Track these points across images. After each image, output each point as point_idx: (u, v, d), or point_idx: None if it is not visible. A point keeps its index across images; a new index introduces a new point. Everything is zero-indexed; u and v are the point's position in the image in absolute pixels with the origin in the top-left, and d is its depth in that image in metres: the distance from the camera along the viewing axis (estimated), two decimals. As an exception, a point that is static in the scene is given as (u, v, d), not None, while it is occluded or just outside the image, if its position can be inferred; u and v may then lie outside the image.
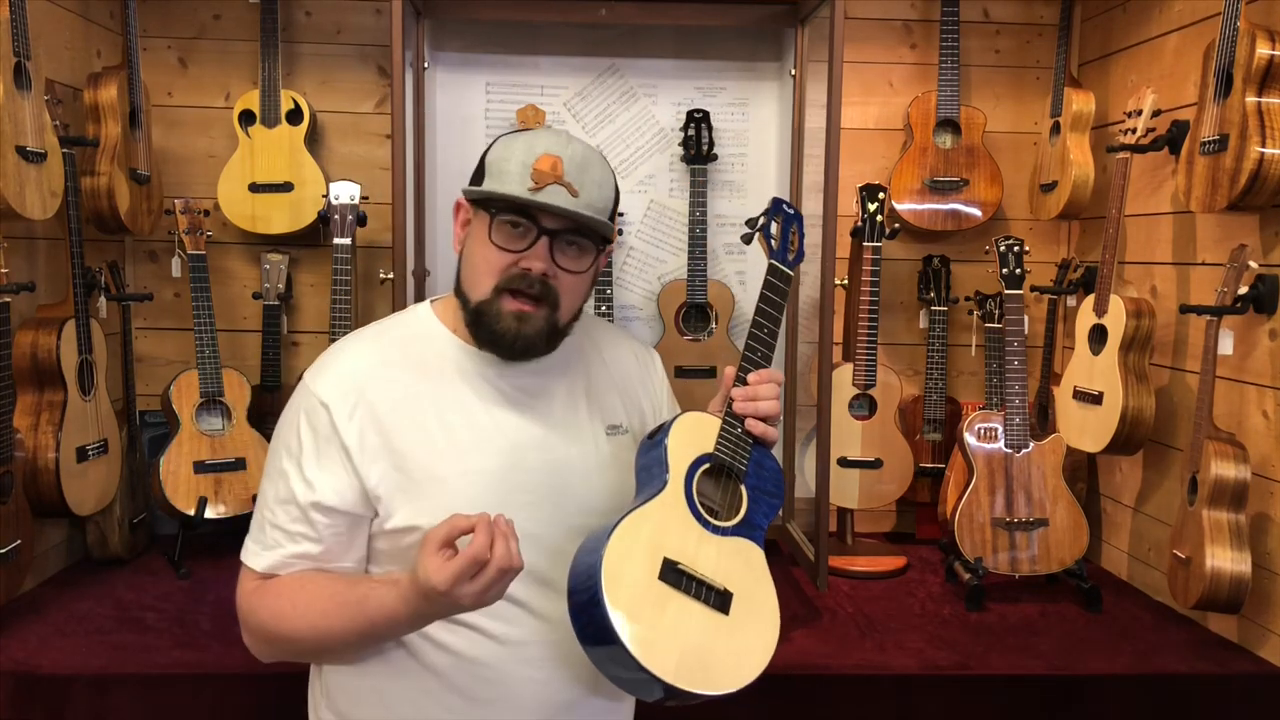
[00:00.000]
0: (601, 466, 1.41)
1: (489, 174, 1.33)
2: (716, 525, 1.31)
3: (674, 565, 1.25)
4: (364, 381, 1.33)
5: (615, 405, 1.47)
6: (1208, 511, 2.06)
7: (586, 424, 1.42)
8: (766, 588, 1.31)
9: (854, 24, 2.83)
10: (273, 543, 1.32)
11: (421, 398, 1.34)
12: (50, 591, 2.35)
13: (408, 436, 1.31)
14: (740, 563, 1.30)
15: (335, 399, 1.31)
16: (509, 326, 1.31)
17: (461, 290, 1.35)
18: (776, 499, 1.37)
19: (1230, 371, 2.18)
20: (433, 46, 2.74)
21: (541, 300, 1.31)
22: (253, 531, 1.35)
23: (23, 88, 2.07)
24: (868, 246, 2.59)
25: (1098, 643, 2.17)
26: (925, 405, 2.84)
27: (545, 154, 1.29)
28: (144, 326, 2.81)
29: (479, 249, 1.33)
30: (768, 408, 1.36)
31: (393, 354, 1.37)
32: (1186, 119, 2.19)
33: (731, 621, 1.26)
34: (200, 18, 2.78)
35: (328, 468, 1.30)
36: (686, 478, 1.32)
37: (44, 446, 2.23)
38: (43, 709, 1.92)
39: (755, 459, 1.35)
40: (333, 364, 1.36)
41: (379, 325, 1.44)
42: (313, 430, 1.31)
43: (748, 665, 1.25)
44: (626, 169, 2.82)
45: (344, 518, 1.31)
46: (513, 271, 1.30)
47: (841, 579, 2.54)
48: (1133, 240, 2.58)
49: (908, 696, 2.01)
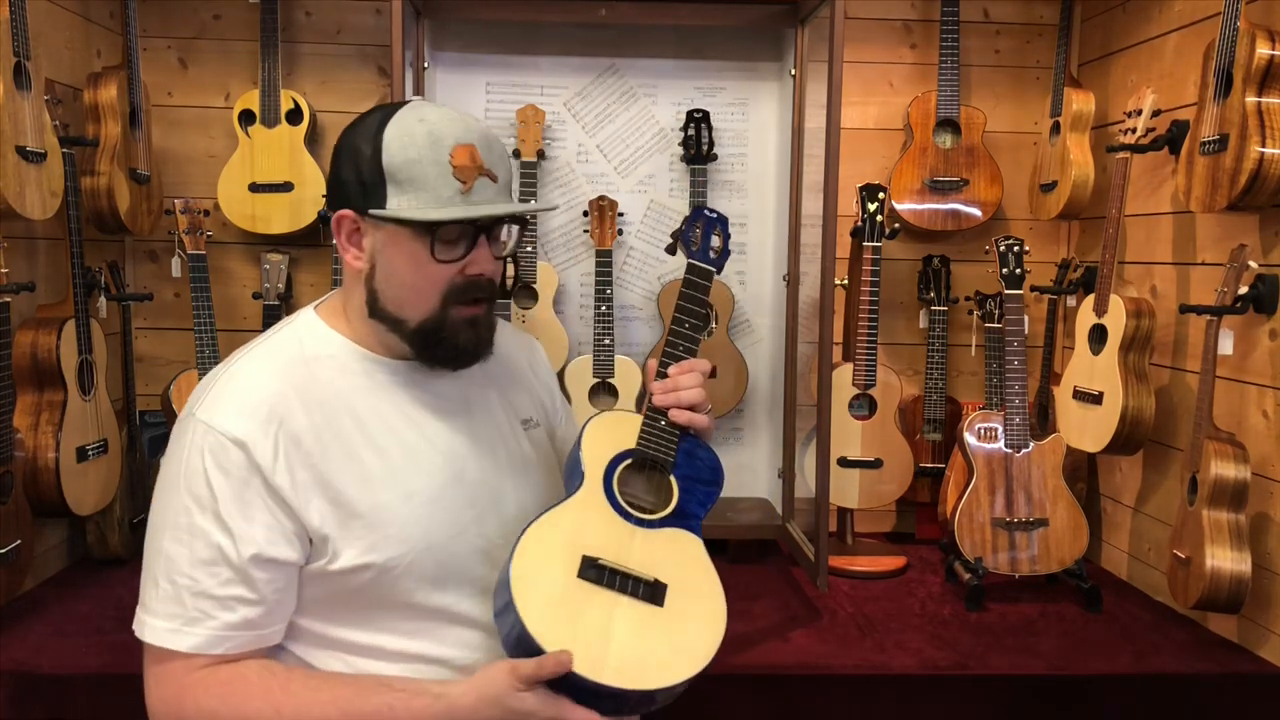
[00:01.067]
0: (528, 465, 1.36)
1: (398, 184, 1.17)
2: (644, 519, 1.28)
3: (594, 562, 1.21)
4: (277, 409, 1.17)
5: (522, 400, 1.41)
6: (1208, 511, 2.06)
7: (505, 424, 1.36)
8: (706, 575, 1.26)
9: (854, 24, 2.83)
10: (199, 614, 1.12)
11: (340, 420, 1.20)
12: (50, 591, 2.35)
13: (338, 466, 1.18)
14: (674, 553, 1.26)
15: (251, 434, 1.14)
16: (467, 339, 1.23)
17: (388, 314, 1.22)
18: (713, 486, 1.33)
19: (1230, 371, 2.18)
20: (433, 46, 2.74)
21: (489, 298, 1.25)
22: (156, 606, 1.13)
23: (23, 88, 2.07)
24: (868, 246, 2.59)
25: (1098, 643, 2.17)
26: (925, 405, 2.84)
27: (458, 145, 1.17)
28: (144, 326, 2.81)
29: (410, 268, 1.19)
30: (691, 396, 1.32)
31: (298, 373, 1.21)
32: (1186, 119, 2.19)
33: (667, 612, 1.20)
34: (200, 18, 2.78)
35: (256, 516, 1.13)
36: (605, 475, 1.29)
37: (44, 446, 2.23)
38: (43, 709, 1.92)
39: (685, 450, 1.33)
40: (234, 393, 1.18)
41: (269, 344, 1.26)
42: (225, 474, 1.13)
43: (691, 653, 1.18)
44: (626, 169, 2.82)
45: (286, 570, 1.16)
46: (458, 281, 1.21)
47: (841, 579, 2.54)
48: (1133, 240, 2.58)
49: (908, 696, 2.01)
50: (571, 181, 2.80)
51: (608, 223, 2.69)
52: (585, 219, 2.73)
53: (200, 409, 1.17)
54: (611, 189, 2.80)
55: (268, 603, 1.15)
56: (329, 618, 1.22)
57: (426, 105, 1.22)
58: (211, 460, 1.14)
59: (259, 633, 1.16)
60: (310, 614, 1.21)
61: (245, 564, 1.13)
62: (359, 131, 1.20)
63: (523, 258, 2.65)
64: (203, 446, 1.14)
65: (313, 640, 1.23)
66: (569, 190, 2.80)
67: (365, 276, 1.23)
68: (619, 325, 2.78)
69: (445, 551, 1.23)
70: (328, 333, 1.27)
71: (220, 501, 1.13)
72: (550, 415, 1.49)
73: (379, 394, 1.24)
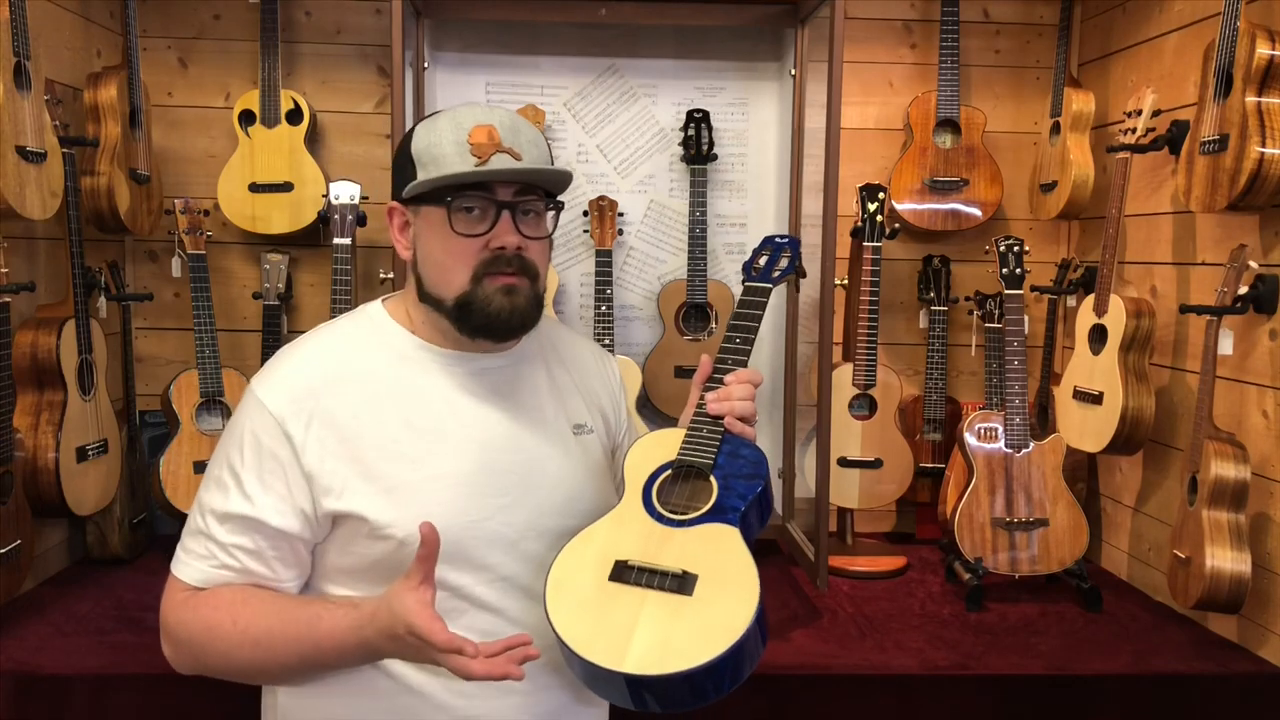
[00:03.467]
0: (572, 466, 1.37)
1: (422, 166, 1.25)
2: (680, 519, 1.28)
3: (625, 564, 1.22)
4: (319, 388, 1.25)
5: (578, 405, 1.43)
6: (1208, 511, 2.06)
7: (553, 423, 1.38)
8: (739, 559, 1.24)
9: (854, 24, 2.83)
10: (206, 554, 1.24)
11: (382, 401, 1.27)
12: (50, 591, 2.35)
13: (371, 443, 1.24)
14: (708, 546, 1.26)
15: (287, 410, 1.23)
16: (501, 305, 1.25)
17: (431, 295, 1.28)
18: (756, 479, 1.32)
19: (1230, 371, 2.18)
20: (433, 46, 2.74)
21: (522, 273, 1.27)
22: (184, 540, 1.28)
23: (23, 88, 2.07)
24: (868, 246, 2.59)
25: (1098, 643, 2.17)
26: (925, 405, 2.84)
27: (476, 126, 1.24)
28: (144, 326, 2.81)
29: (439, 245, 1.26)
30: (745, 407, 1.33)
31: (348, 356, 1.30)
32: (1186, 119, 2.19)
33: (696, 600, 1.20)
34: (200, 18, 2.78)
35: (273, 486, 1.23)
36: (645, 487, 1.31)
37: (44, 446, 2.23)
38: (43, 709, 1.92)
39: (727, 450, 1.33)
40: (283, 371, 1.28)
41: (329, 327, 1.36)
42: (258, 444, 1.23)
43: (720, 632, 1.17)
44: (626, 169, 2.82)
45: (290, 540, 1.24)
46: (484, 255, 1.25)
47: (841, 579, 2.54)
48: (1133, 240, 2.58)
49: (908, 696, 2.01)
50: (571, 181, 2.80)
51: (608, 223, 2.69)
52: (585, 219, 2.73)
53: (256, 382, 1.28)
54: (611, 189, 2.80)
55: (263, 558, 1.24)
56: (350, 586, 1.27)
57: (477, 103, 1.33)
58: (250, 428, 1.24)
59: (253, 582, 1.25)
60: (332, 580, 1.28)
61: (247, 523, 1.22)
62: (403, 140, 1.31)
63: (523, 258, 2.64)
64: (249, 415, 1.25)
65: None
66: (569, 190, 2.78)
67: (412, 264, 1.31)
68: (619, 325, 2.78)
69: (466, 534, 1.25)
70: (385, 319, 1.34)
71: (247, 466, 1.23)
72: (613, 430, 1.51)
73: (426, 379, 1.30)
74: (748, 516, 1.30)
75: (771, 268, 1.50)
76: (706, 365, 1.39)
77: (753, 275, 1.49)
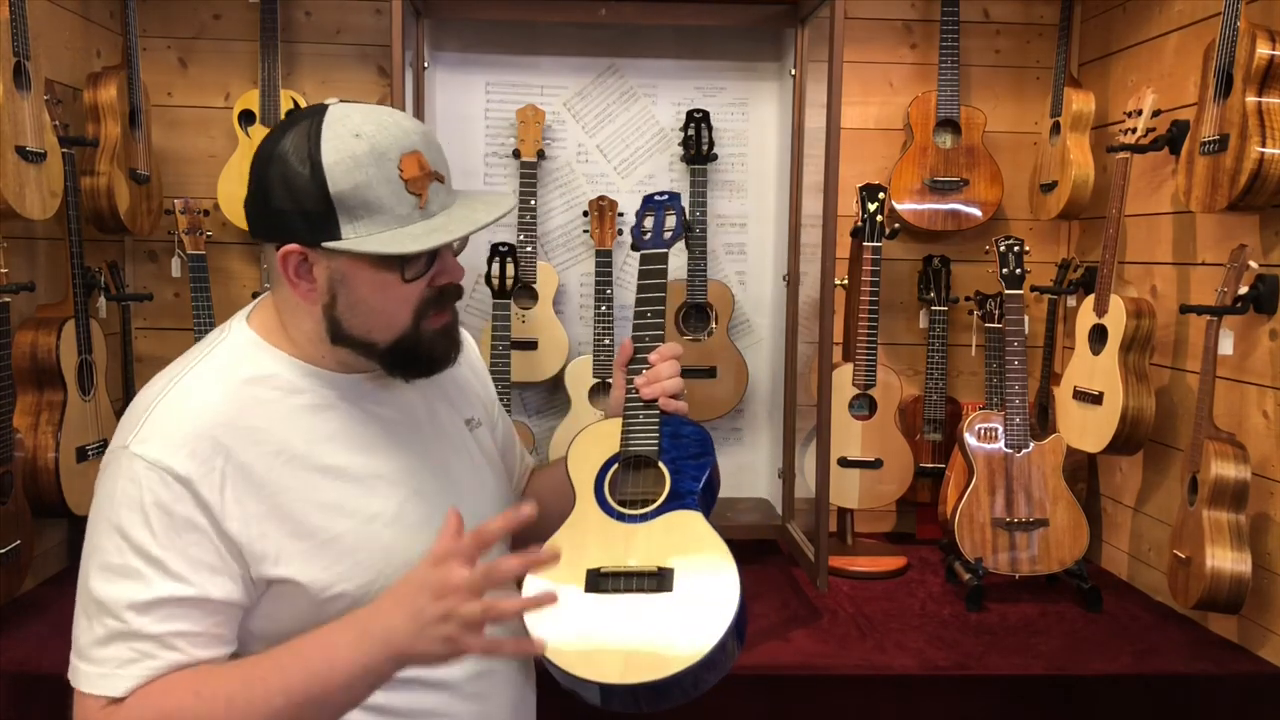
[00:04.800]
0: (478, 467, 1.33)
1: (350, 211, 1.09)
2: (639, 514, 1.27)
3: (597, 572, 1.21)
4: (224, 440, 1.09)
5: (461, 399, 1.36)
6: (1208, 511, 2.06)
7: (451, 427, 1.31)
8: (709, 544, 1.23)
9: (854, 24, 2.82)
10: (134, 656, 1.04)
11: (293, 446, 1.13)
12: (50, 591, 2.35)
13: (295, 496, 1.11)
14: (675, 536, 1.25)
15: (193, 468, 1.06)
16: (442, 347, 1.19)
17: (354, 338, 1.16)
18: (703, 457, 1.31)
19: (1230, 371, 2.18)
20: (433, 46, 2.74)
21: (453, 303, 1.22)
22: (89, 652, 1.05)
23: (23, 88, 2.07)
24: (868, 246, 2.59)
25: (1098, 643, 2.17)
26: (925, 405, 2.84)
27: (404, 155, 1.10)
28: (144, 326, 2.81)
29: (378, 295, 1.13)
30: (673, 385, 1.32)
31: (242, 398, 1.13)
32: (1186, 119, 2.19)
33: (676, 595, 1.19)
34: (200, 18, 2.78)
35: (203, 559, 1.06)
36: (596, 485, 1.30)
37: (44, 446, 2.23)
38: (43, 709, 1.91)
39: (669, 433, 1.32)
40: (173, 423, 1.09)
41: (203, 365, 1.17)
42: (169, 515, 1.05)
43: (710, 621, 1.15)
44: (626, 169, 2.82)
45: (228, 609, 1.09)
46: (427, 294, 1.16)
47: (841, 579, 2.54)
48: (1133, 240, 2.58)
49: (908, 696, 2.01)
50: (571, 181, 2.80)
51: (608, 223, 2.69)
52: (585, 219, 2.73)
53: (135, 441, 1.08)
54: (611, 189, 2.80)
55: (211, 640, 1.08)
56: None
57: (349, 110, 1.12)
58: (150, 498, 1.05)
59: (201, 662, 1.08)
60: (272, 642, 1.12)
61: (188, 606, 1.06)
62: (286, 154, 1.10)
63: (523, 258, 2.64)
64: (139, 482, 1.06)
65: None
66: (569, 190, 2.80)
67: (325, 307, 1.15)
68: (619, 325, 2.78)
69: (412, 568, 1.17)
70: (268, 349, 1.18)
71: (158, 540, 1.05)
72: (489, 409, 1.45)
73: (327, 414, 1.17)
74: (704, 495, 1.30)
75: (660, 229, 1.46)
76: (627, 348, 1.37)
77: (644, 242, 1.45)
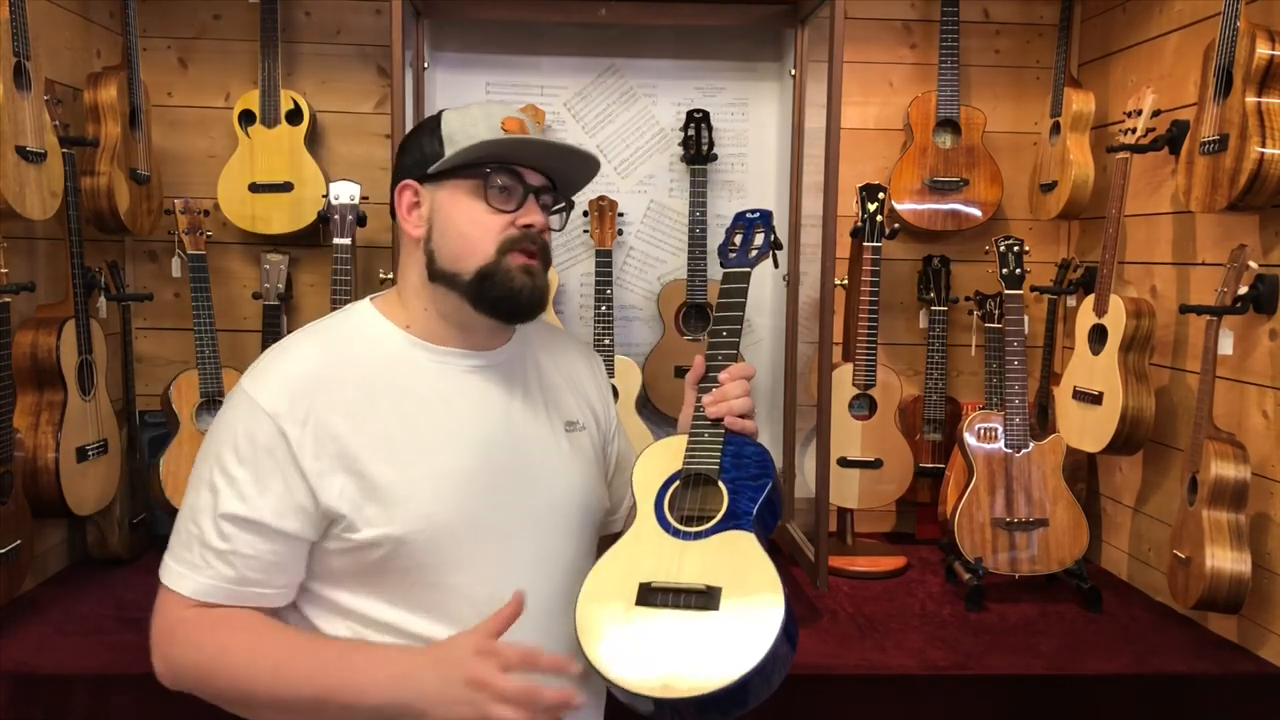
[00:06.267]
0: (566, 463, 1.38)
1: (453, 143, 1.28)
2: (695, 532, 1.27)
3: (649, 586, 1.22)
4: (314, 387, 1.24)
5: (569, 402, 1.44)
6: (1208, 511, 2.06)
7: (546, 420, 1.39)
8: (759, 565, 1.24)
9: (854, 24, 2.82)
10: (201, 563, 1.21)
11: (378, 399, 1.26)
12: (50, 591, 2.35)
13: (367, 442, 1.23)
14: (727, 555, 1.26)
15: (283, 408, 1.21)
16: (523, 282, 1.28)
17: (445, 271, 1.29)
18: (763, 479, 1.32)
19: (1230, 371, 2.18)
20: (433, 46, 2.74)
21: (541, 256, 1.31)
22: (174, 549, 1.24)
23: (23, 88, 2.07)
24: (868, 246, 2.59)
25: (1098, 643, 2.17)
26: (925, 405, 2.84)
27: (507, 117, 1.30)
28: (144, 326, 2.81)
29: (466, 217, 1.28)
30: (742, 405, 1.34)
31: (343, 354, 1.29)
32: (1186, 119, 2.19)
33: (722, 614, 1.20)
34: (200, 18, 2.78)
35: (270, 486, 1.20)
36: (656, 501, 1.31)
37: (44, 446, 2.23)
38: (43, 709, 1.92)
39: (731, 453, 1.32)
40: (277, 369, 1.26)
41: (320, 325, 1.35)
42: (253, 443, 1.21)
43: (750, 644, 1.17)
44: (626, 169, 2.82)
45: (290, 542, 1.22)
46: (510, 232, 1.28)
47: (841, 579, 2.54)
48: (1133, 240, 2.58)
49: (908, 696, 2.01)
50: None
51: (608, 223, 2.69)
52: (585, 219, 2.73)
53: (248, 381, 1.25)
54: (611, 189, 2.80)
55: (267, 566, 1.21)
56: (346, 587, 1.26)
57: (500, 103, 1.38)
58: (244, 428, 1.21)
59: (256, 590, 1.22)
60: (327, 581, 1.26)
61: (245, 526, 1.20)
62: (421, 127, 1.34)
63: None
64: (241, 414, 1.23)
65: (327, 606, 1.27)
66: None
67: (423, 241, 1.31)
68: (619, 325, 2.78)
69: (465, 530, 1.26)
70: (376, 317, 1.34)
71: (242, 466, 1.20)
72: (604, 427, 1.51)
73: (420, 376, 1.30)
74: (760, 517, 1.30)
75: (747, 248, 1.46)
76: (700, 365, 1.39)
77: (730, 259, 1.45)
